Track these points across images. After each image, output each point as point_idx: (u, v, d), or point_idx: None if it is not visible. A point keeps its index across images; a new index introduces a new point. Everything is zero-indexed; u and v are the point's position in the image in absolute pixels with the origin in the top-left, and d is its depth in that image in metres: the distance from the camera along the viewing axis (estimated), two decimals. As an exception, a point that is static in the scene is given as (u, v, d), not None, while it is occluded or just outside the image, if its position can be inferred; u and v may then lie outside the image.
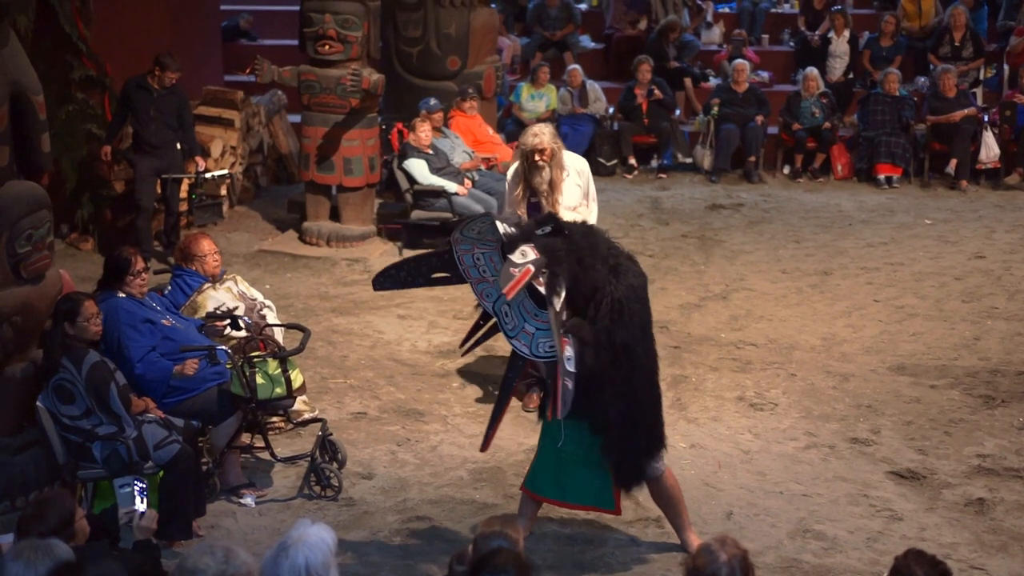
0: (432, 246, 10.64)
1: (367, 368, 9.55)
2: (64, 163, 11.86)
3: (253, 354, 7.49)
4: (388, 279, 6.83)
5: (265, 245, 12.66)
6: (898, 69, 16.29)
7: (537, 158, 8.11)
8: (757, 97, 16.01)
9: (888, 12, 17.96)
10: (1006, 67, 17.05)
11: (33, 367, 7.21)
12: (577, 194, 8.25)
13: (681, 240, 13.04)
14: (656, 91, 15.90)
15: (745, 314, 10.79)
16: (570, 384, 6.22)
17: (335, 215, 12.78)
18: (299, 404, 8.10)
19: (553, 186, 8.15)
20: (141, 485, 5.69)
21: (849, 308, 10.98)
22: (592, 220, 8.22)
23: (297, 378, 7.60)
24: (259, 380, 7.36)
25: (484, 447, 6.75)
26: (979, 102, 16.42)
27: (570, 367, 6.21)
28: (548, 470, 6.85)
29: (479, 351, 9.73)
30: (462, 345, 7.04)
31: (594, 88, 16.19)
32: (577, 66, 16.48)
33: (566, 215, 8.21)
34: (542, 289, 6.27)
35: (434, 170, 12.40)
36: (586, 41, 18.61)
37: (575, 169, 8.29)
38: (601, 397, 6.44)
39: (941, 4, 17.92)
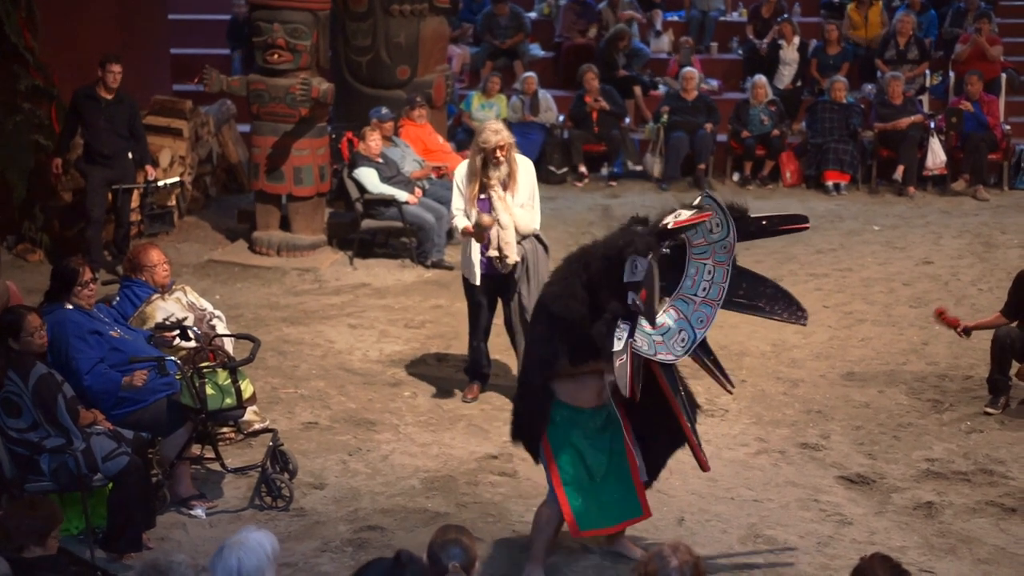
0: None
1: (318, 378, 9.52)
2: (11, 174, 11.76)
3: (203, 365, 7.45)
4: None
5: (215, 255, 12.59)
6: (845, 77, 16.42)
7: (499, 154, 8.36)
8: (706, 105, 16.09)
9: (832, 20, 18.08)
10: (952, 74, 17.22)
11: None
12: (528, 190, 8.52)
13: (632, 248, 13.04)
14: (601, 100, 15.92)
15: (695, 321, 10.80)
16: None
17: (285, 225, 12.72)
18: (249, 414, 8.08)
19: (512, 177, 8.45)
20: None
21: (799, 314, 11.02)
22: (536, 218, 8.59)
23: (247, 388, 7.57)
24: (209, 391, 7.31)
25: None
26: (926, 109, 16.55)
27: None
28: (587, 500, 6.55)
29: (431, 359, 9.85)
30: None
31: (546, 98, 16.21)
32: (532, 74, 16.47)
33: (517, 211, 8.48)
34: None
35: (384, 179, 12.38)
36: (536, 50, 18.60)
37: (523, 167, 8.54)
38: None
39: (888, 14, 18.06)
